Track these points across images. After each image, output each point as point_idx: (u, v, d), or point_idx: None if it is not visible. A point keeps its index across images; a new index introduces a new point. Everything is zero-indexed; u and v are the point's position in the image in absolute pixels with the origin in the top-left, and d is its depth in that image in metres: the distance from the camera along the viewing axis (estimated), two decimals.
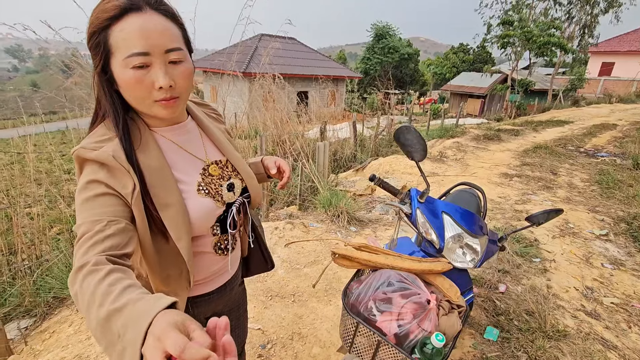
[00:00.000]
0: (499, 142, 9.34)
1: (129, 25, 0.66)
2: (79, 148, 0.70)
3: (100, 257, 0.60)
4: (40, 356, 1.81)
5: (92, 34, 0.68)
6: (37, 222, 3.41)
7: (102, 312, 0.51)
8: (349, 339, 1.07)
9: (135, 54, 0.66)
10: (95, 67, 0.71)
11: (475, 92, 26.12)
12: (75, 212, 0.70)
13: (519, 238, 3.36)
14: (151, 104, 0.72)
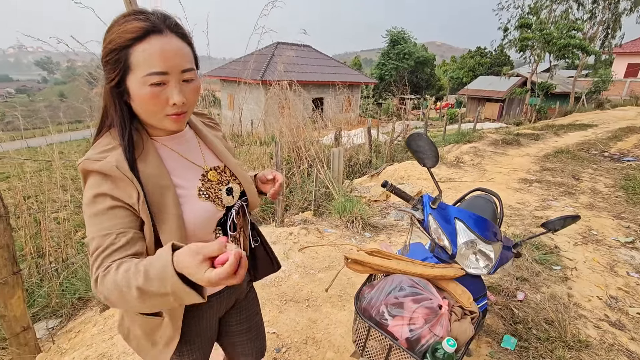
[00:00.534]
0: (518, 147, 9.13)
1: (150, 46, 0.71)
2: (84, 160, 0.74)
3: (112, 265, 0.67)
4: (66, 354, 1.89)
5: (112, 50, 0.72)
6: (63, 227, 3.56)
7: (134, 293, 0.61)
8: (361, 343, 1.08)
9: (155, 72, 0.72)
10: (110, 81, 0.75)
11: (494, 96, 25.65)
12: (85, 224, 0.74)
13: (538, 245, 3.28)
14: (162, 118, 0.78)
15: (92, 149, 0.77)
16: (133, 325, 0.90)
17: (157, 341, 0.89)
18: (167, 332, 0.88)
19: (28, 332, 1.94)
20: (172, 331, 0.88)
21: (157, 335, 0.88)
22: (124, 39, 0.71)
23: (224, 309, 1.05)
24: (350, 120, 11.15)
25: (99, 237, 0.70)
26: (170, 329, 0.87)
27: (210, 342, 1.06)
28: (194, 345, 0.98)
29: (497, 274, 2.86)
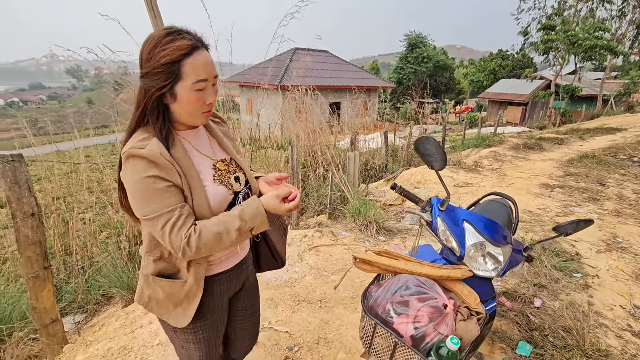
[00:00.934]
0: (541, 151, 8.89)
1: (196, 60, 0.88)
2: (130, 148, 0.88)
3: (193, 228, 0.89)
4: (91, 346, 2.00)
5: (166, 63, 0.86)
6: (89, 227, 3.74)
7: (233, 235, 0.91)
8: (367, 340, 1.11)
9: (201, 80, 0.90)
10: (161, 88, 0.89)
11: (516, 100, 25.01)
12: (135, 199, 0.89)
13: (558, 252, 3.19)
14: (198, 115, 0.96)
15: (131, 141, 0.91)
16: (154, 292, 1.01)
17: (179, 303, 1.01)
18: (190, 292, 1.00)
19: (56, 324, 2.06)
20: (195, 289, 1.00)
21: (179, 296, 1.00)
22: (176, 55, 0.86)
23: (232, 289, 1.16)
24: (367, 124, 11.14)
25: (167, 212, 0.88)
26: (194, 287, 1.00)
27: (222, 322, 1.16)
28: (207, 321, 1.08)
29: (513, 280, 2.81)
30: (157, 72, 0.87)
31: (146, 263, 1.01)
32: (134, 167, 0.87)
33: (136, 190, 0.88)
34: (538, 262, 3.00)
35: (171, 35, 0.87)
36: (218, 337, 1.16)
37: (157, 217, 0.88)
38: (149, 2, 2.50)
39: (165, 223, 0.88)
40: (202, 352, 1.12)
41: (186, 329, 1.06)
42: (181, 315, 1.01)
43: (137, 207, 0.90)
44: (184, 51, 0.87)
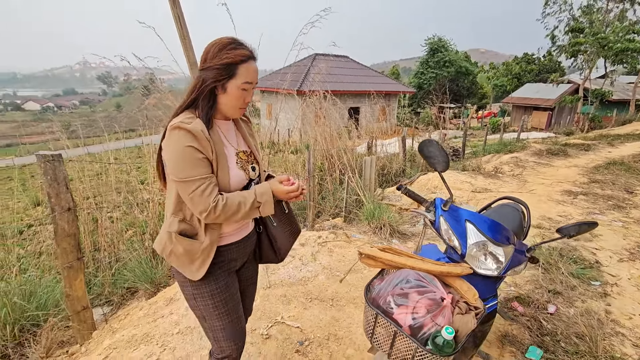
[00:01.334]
0: (565, 158, 8.63)
1: (249, 66, 1.14)
2: (178, 121, 1.08)
3: (219, 196, 1.10)
4: (117, 332, 2.15)
5: (227, 64, 1.10)
6: (116, 225, 3.96)
7: (248, 207, 1.13)
8: (370, 330, 1.18)
9: (248, 82, 1.15)
10: (216, 81, 1.11)
11: (542, 104, 24.27)
12: (174, 164, 1.07)
13: (576, 259, 3.13)
14: (236, 110, 1.19)
15: (179, 117, 1.11)
16: (176, 246, 1.17)
17: (195, 258, 1.17)
18: (205, 250, 1.16)
19: (87, 311, 2.23)
20: (209, 249, 1.17)
21: (196, 253, 1.16)
22: (237, 59, 1.11)
23: (241, 258, 1.33)
24: (386, 129, 11.13)
25: (199, 179, 1.07)
26: (209, 247, 1.17)
27: (235, 287, 1.31)
28: (220, 283, 1.24)
29: (527, 286, 2.78)
30: (217, 68, 1.10)
31: (171, 222, 1.17)
32: (179, 136, 1.06)
33: (177, 156, 1.06)
34: (554, 268, 2.96)
35: (234, 44, 1.12)
36: (234, 302, 1.28)
37: (191, 182, 1.06)
38: (177, 14, 2.68)
39: (196, 188, 1.07)
40: (222, 318, 1.25)
41: (203, 294, 1.21)
42: (195, 270, 1.17)
43: (175, 170, 1.07)
44: (243, 58, 1.11)
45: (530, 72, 31.88)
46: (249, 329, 2.15)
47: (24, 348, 2.26)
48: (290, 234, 1.45)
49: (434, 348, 1.02)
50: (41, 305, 2.48)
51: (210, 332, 1.29)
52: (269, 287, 2.59)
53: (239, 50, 1.11)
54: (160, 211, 4.04)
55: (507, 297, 2.64)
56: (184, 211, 1.17)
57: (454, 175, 6.53)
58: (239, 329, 1.31)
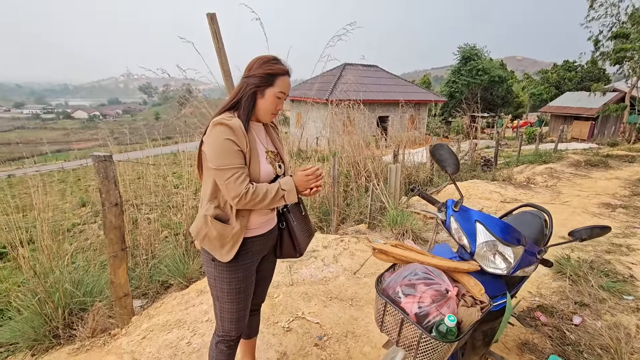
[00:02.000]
0: (606, 170, 8.19)
1: (285, 79, 1.36)
2: (220, 118, 1.26)
3: (250, 184, 1.27)
4: (153, 318, 2.36)
5: (269, 74, 1.31)
6: (152, 226, 4.26)
7: (272, 194, 1.29)
8: (380, 318, 1.27)
9: (283, 92, 1.36)
10: (257, 87, 1.32)
11: (583, 114, 23.01)
12: (214, 154, 1.25)
13: (607, 272, 3.02)
14: (269, 114, 1.39)
15: (221, 115, 1.29)
16: (210, 230, 1.33)
17: (226, 242, 1.33)
18: (235, 235, 1.33)
19: (127, 298, 2.46)
20: (239, 234, 1.33)
21: (227, 237, 1.32)
22: (277, 71, 1.33)
23: (263, 250, 1.49)
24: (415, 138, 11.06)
25: (234, 168, 1.25)
26: (238, 233, 1.33)
27: (251, 281, 1.46)
28: (239, 274, 1.39)
29: (554, 297, 2.73)
30: (260, 76, 1.31)
31: (207, 207, 1.34)
32: (220, 130, 1.24)
33: (218, 147, 1.24)
34: (583, 280, 2.88)
35: (276, 60, 1.35)
36: (247, 293, 1.44)
37: (227, 169, 1.24)
38: (214, 30, 2.93)
39: (232, 175, 1.24)
40: (233, 303, 1.41)
41: (223, 278, 1.38)
42: (225, 253, 1.33)
43: (215, 159, 1.24)
44: (281, 72, 1.34)
45: (570, 80, 30.36)
46: (271, 321, 2.29)
47: (71, 330, 2.52)
48: (307, 234, 1.60)
49: (438, 335, 1.10)
50: (87, 292, 2.76)
51: (219, 312, 1.45)
52: (291, 284, 2.73)
53: (279, 65, 1.33)
54: (193, 214, 4.28)
55: (531, 306, 2.61)
56: (219, 198, 1.35)
57: (483, 185, 6.41)
58: (243, 316, 1.47)
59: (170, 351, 1.96)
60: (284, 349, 2.05)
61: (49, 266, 2.84)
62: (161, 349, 1.98)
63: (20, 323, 2.50)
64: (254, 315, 1.74)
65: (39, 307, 2.49)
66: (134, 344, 2.05)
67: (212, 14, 2.94)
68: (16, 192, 3.88)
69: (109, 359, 1.97)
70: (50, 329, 2.48)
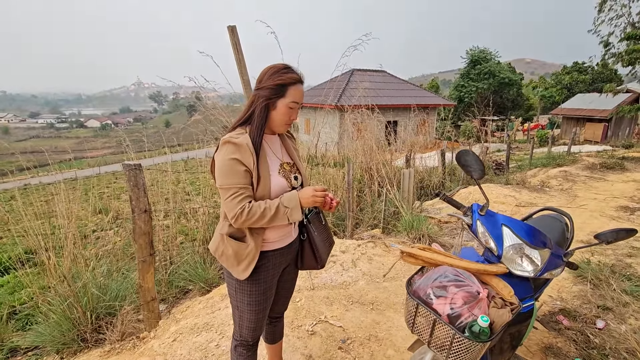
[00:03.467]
0: (622, 172, 8.07)
1: (297, 88, 1.33)
2: (228, 136, 1.27)
3: (249, 203, 1.26)
4: (180, 321, 2.43)
5: (279, 84, 1.29)
6: (169, 232, 4.34)
7: (272, 211, 1.26)
8: (411, 319, 1.31)
9: (295, 102, 1.33)
10: (268, 99, 1.30)
11: (596, 116, 22.69)
12: (218, 173, 1.26)
13: (630, 276, 2.99)
14: (282, 125, 1.37)
15: (231, 133, 1.31)
16: (226, 248, 1.35)
17: (242, 260, 1.34)
18: (250, 254, 1.33)
19: (155, 302, 2.53)
20: (254, 252, 1.33)
21: (243, 255, 1.33)
22: (288, 81, 1.31)
23: (282, 264, 1.49)
24: (425, 142, 11.07)
25: (235, 187, 1.25)
26: (253, 251, 1.33)
27: (271, 292, 1.47)
28: (260, 287, 1.41)
29: (576, 301, 2.72)
30: (271, 88, 1.30)
31: (222, 225, 1.37)
32: (227, 149, 1.25)
33: (222, 166, 1.26)
34: (605, 284, 2.86)
35: (286, 69, 1.32)
36: (267, 304, 1.47)
37: (228, 189, 1.25)
38: (234, 41, 3.02)
39: (232, 194, 1.24)
40: (252, 313, 1.43)
41: (243, 290, 1.39)
42: (242, 270, 1.34)
43: (218, 177, 1.26)
44: (292, 81, 1.31)
45: (582, 82, 29.99)
46: (295, 325, 2.33)
47: (99, 334, 2.60)
48: (328, 244, 1.61)
49: (471, 335, 1.14)
50: (113, 297, 2.84)
51: (238, 319, 1.47)
52: (312, 289, 2.77)
53: (289, 75, 1.31)
54: (206, 220, 4.34)
55: (553, 310, 2.60)
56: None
57: (497, 189, 6.38)
58: (261, 325, 1.49)
59: (200, 353, 2.03)
60: (310, 352, 2.09)
61: (76, 271, 2.94)
62: (192, 351, 2.04)
63: (48, 327, 2.59)
64: (278, 322, 1.75)
65: (68, 311, 2.58)
66: (165, 346, 2.12)
67: (232, 26, 3.04)
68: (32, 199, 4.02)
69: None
70: (79, 333, 2.56)
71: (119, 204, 7.34)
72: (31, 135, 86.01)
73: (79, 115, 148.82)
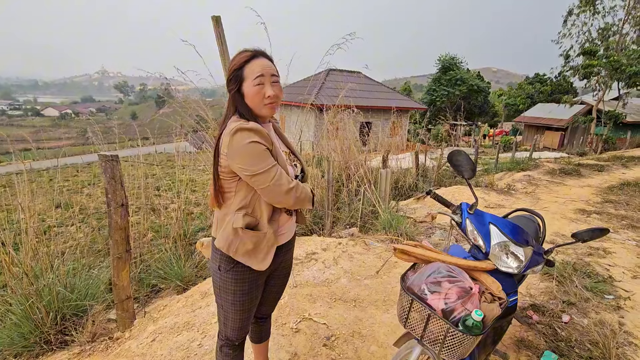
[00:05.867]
0: (578, 178, 8.67)
1: (254, 63, 1.23)
2: (237, 124, 1.19)
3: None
4: (158, 321, 2.33)
5: (233, 70, 1.23)
6: (137, 229, 4.15)
7: (309, 192, 1.32)
8: (404, 315, 1.33)
9: (260, 76, 1.21)
10: (232, 90, 1.24)
11: (554, 124, 24.26)
12: (244, 161, 1.18)
13: (589, 273, 3.22)
14: (262, 106, 1.26)
15: (232, 122, 1.23)
16: (243, 242, 1.28)
17: (261, 249, 1.31)
18: (269, 241, 1.31)
19: (129, 301, 2.41)
20: (273, 239, 1.32)
21: (262, 244, 1.30)
22: (240, 62, 1.23)
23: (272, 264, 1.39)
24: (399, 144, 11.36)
25: (273, 166, 1.21)
26: (272, 238, 1.32)
27: (257, 292, 1.43)
28: (245, 287, 1.36)
29: (542, 296, 2.88)
30: (231, 77, 1.24)
31: (235, 219, 1.27)
32: (243, 136, 1.17)
33: (247, 153, 1.17)
34: (568, 281, 3.06)
35: (238, 53, 1.26)
36: (251, 305, 1.42)
37: (269, 170, 1.19)
38: (218, 33, 2.93)
39: (275, 174, 1.20)
40: (237, 313, 1.39)
41: (227, 290, 1.35)
42: (261, 260, 1.31)
43: (250, 164, 1.18)
44: (245, 59, 1.23)
45: (543, 92, 31.95)
46: (280, 323, 2.31)
47: (64, 335, 2.44)
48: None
49: (465, 329, 1.17)
50: (81, 296, 2.67)
51: (222, 318, 1.43)
52: (295, 286, 2.75)
53: (240, 55, 1.24)
54: (179, 216, 4.15)
55: (523, 305, 2.75)
56: (247, 207, 1.28)
57: (467, 190, 6.64)
58: (246, 325, 1.46)
59: (182, 353, 1.95)
60: (295, 350, 2.07)
61: (38, 268, 2.73)
62: (173, 351, 1.96)
63: (5, 329, 2.40)
64: (264, 323, 1.72)
65: (29, 311, 2.39)
66: (144, 346, 2.02)
67: (217, 16, 2.94)
68: None
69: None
70: (41, 335, 2.39)
71: (81, 198, 6.92)
72: None
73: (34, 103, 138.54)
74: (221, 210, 1.33)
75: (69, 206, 6.66)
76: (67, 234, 5.82)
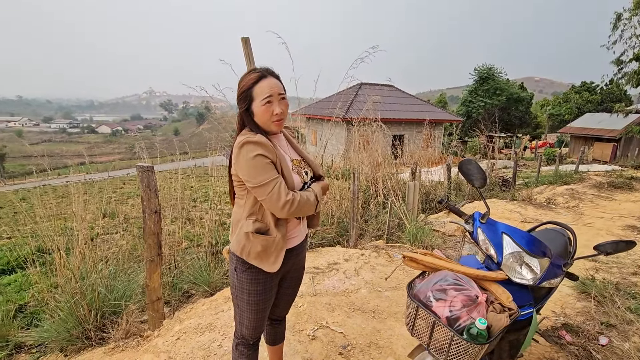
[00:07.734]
0: (630, 192, 8.00)
1: (262, 83, 1.31)
2: (245, 138, 1.28)
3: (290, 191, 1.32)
4: (184, 321, 2.47)
5: (243, 91, 1.32)
6: (173, 237, 4.40)
7: (312, 200, 1.37)
8: (411, 322, 1.34)
9: (268, 96, 1.31)
10: (242, 108, 1.35)
11: (605, 135, 22.57)
12: (249, 173, 1.27)
13: (635, 294, 2.97)
14: (271, 123, 1.35)
15: (242, 135, 1.33)
16: (254, 246, 1.36)
17: (271, 253, 1.37)
18: (278, 244, 1.37)
19: (160, 302, 2.58)
20: (282, 243, 1.38)
21: (272, 247, 1.37)
22: (248, 84, 1.32)
23: (284, 267, 1.47)
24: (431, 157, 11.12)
25: (274, 179, 1.28)
26: (281, 242, 1.37)
27: (272, 292, 1.49)
28: (260, 287, 1.43)
29: (578, 317, 2.70)
30: (240, 98, 1.34)
31: (246, 225, 1.36)
32: (248, 149, 1.27)
33: (251, 166, 1.26)
34: (609, 302, 2.84)
35: (247, 73, 1.34)
36: (266, 305, 1.48)
37: (268, 183, 1.27)
38: (247, 52, 3.13)
39: (273, 187, 1.27)
40: (252, 312, 1.45)
41: (243, 289, 1.42)
42: (272, 262, 1.37)
43: (252, 177, 1.27)
44: (253, 80, 1.32)
45: (592, 102, 29.95)
46: (297, 329, 2.36)
47: (102, 332, 2.65)
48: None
49: (469, 337, 1.16)
50: (119, 296, 2.89)
51: (238, 317, 1.50)
52: (315, 295, 2.79)
53: (249, 76, 1.32)
54: (212, 226, 4.37)
55: (555, 325, 2.59)
56: (257, 213, 1.37)
57: (502, 204, 6.37)
58: (261, 325, 1.51)
59: (203, 352, 2.06)
60: (310, 356, 2.11)
61: (85, 270, 3.00)
62: (195, 350, 2.07)
63: (54, 324, 2.64)
64: (279, 325, 1.77)
65: (74, 308, 2.63)
66: (169, 344, 2.15)
67: (246, 38, 3.15)
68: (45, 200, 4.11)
69: (146, 357, 2.07)
70: (83, 331, 2.61)
71: (125, 208, 7.45)
72: (43, 139, 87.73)
73: (90, 121, 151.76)
74: (235, 215, 1.44)
75: (114, 215, 7.20)
76: (112, 241, 6.29)
